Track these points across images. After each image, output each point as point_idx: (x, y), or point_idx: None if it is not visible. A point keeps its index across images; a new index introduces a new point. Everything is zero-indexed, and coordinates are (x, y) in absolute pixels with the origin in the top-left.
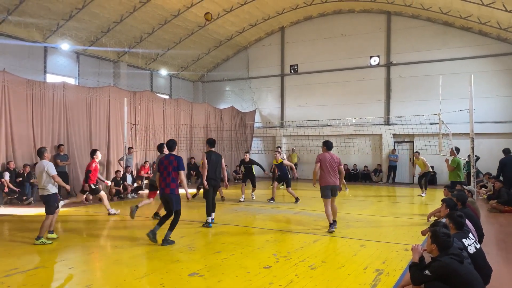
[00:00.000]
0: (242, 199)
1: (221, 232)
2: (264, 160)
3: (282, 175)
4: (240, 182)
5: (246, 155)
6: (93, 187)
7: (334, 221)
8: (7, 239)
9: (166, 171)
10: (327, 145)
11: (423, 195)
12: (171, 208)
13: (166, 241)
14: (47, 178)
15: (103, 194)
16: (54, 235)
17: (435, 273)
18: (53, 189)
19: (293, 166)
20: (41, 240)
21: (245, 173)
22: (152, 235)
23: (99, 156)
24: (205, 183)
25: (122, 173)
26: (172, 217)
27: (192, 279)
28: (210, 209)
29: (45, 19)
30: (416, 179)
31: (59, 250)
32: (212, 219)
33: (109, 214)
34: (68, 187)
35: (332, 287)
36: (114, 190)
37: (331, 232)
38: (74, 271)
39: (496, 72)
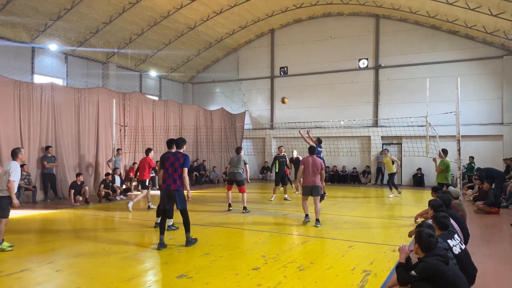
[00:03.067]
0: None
1: (209, 234)
2: (254, 162)
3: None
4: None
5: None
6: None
7: (317, 219)
8: None
9: (172, 168)
10: (310, 150)
11: (391, 196)
12: (176, 206)
13: (190, 242)
14: (7, 180)
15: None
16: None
17: (421, 274)
18: (6, 193)
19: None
20: (1, 246)
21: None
22: (162, 246)
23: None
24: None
25: (111, 174)
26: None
27: (180, 281)
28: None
29: (32, 19)
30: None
31: (46, 253)
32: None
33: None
34: (16, 201)
35: None
36: (103, 193)
37: (304, 223)
38: (61, 274)
39: (482, 75)
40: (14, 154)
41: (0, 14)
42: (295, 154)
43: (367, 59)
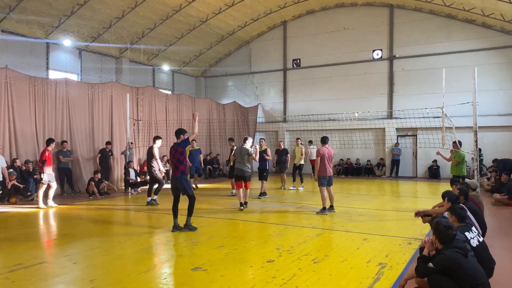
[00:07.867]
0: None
1: (223, 226)
2: None
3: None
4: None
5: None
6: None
7: (331, 206)
8: (11, 234)
9: (174, 159)
10: (324, 140)
11: (292, 188)
12: (182, 192)
13: (187, 227)
14: None
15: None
16: None
17: (439, 266)
18: None
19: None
20: None
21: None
22: (176, 229)
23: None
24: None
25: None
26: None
27: (195, 274)
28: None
29: (46, 15)
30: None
31: (63, 245)
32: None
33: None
34: None
35: (335, 281)
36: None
37: (322, 214)
38: (78, 266)
39: (500, 65)
40: None
41: (15, 11)
42: (282, 146)
43: (381, 50)
